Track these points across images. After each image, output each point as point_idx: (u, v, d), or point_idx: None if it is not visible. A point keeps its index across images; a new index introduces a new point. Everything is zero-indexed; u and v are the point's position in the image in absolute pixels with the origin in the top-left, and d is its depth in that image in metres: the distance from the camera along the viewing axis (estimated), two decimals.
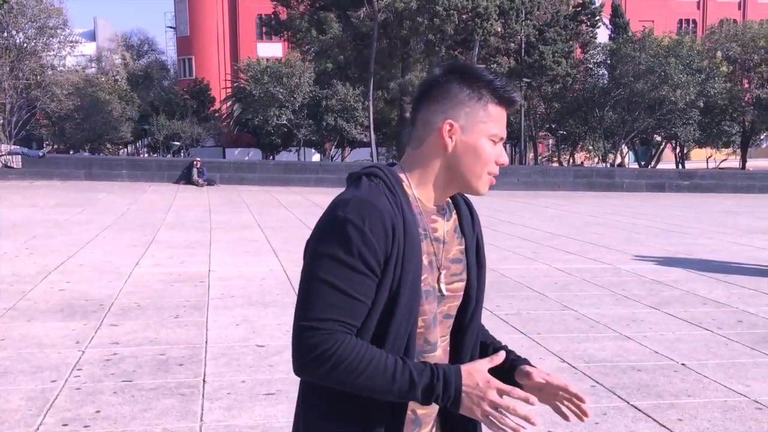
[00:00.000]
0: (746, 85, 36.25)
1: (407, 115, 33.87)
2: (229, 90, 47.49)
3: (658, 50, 31.58)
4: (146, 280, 7.97)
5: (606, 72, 35.33)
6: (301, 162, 33.00)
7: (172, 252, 9.97)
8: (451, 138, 1.44)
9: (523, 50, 33.72)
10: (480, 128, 1.45)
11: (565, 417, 1.53)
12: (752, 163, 42.85)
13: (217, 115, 48.19)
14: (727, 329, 6.18)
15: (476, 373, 1.37)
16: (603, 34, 42.81)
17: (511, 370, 1.56)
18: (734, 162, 43.23)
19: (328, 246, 1.35)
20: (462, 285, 1.53)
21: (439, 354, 1.51)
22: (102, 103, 40.67)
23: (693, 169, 33.88)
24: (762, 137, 43.80)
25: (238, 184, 24.95)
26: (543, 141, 47.92)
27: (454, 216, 1.55)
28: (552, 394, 1.52)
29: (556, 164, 42.67)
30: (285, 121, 35.38)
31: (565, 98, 36.42)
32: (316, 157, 43.56)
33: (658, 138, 38.56)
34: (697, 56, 32.43)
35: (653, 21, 52.22)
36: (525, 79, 33.30)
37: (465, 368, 1.38)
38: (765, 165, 45.69)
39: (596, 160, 40.04)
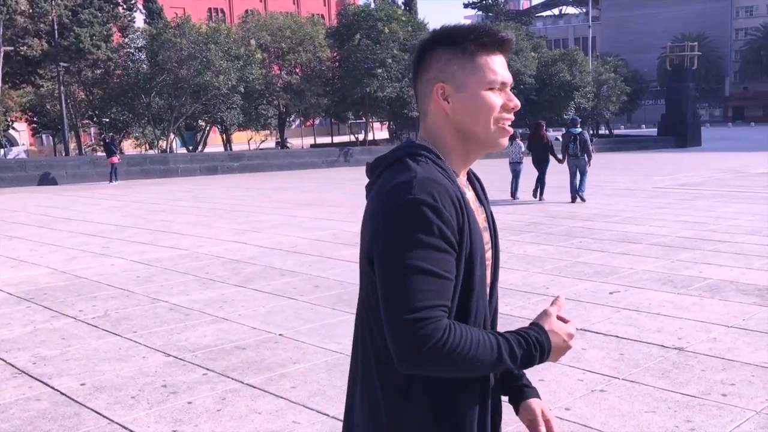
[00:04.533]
0: (277, 72, 39.64)
1: None
2: None
3: (198, 37, 32.27)
4: None
5: (146, 57, 34.74)
6: None
7: None
8: (447, 101, 1.44)
9: (56, 32, 31.03)
10: (473, 81, 1.43)
11: None
12: (287, 142, 47.14)
13: None
14: (309, 295, 6.74)
15: (559, 331, 1.44)
16: (140, 19, 42.14)
17: (517, 397, 1.59)
18: (271, 143, 47.12)
19: (407, 231, 1.31)
20: (491, 253, 1.53)
21: None
22: None
23: (241, 151, 35.92)
24: (293, 118, 48.49)
25: None
26: (86, 130, 45.18)
27: (470, 187, 1.56)
28: None
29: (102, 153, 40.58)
30: None
31: (107, 84, 34.83)
32: None
33: (203, 122, 39.65)
34: (234, 44, 34.14)
35: (185, 8, 53.37)
36: (63, 64, 30.82)
37: (548, 329, 1.43)
38: (297, 143, 51.00)
39: (145, 147, 39.31)
